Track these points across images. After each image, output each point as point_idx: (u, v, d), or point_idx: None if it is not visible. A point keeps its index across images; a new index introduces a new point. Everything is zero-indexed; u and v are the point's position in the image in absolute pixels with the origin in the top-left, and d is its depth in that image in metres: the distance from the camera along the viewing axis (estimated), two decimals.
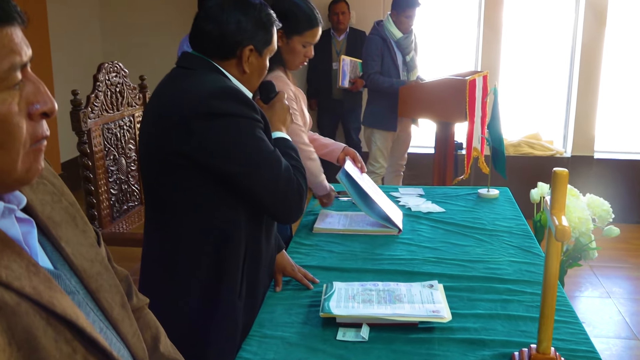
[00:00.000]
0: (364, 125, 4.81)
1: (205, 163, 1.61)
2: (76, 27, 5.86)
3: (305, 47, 2.31)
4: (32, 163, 0.84)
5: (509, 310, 1.74)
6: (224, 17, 1.67)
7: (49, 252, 0.91)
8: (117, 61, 2.76)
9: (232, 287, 1.70)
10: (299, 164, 1.77)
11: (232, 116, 1.59)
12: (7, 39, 0.79)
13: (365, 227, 2.41)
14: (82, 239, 0.98)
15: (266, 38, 1.73)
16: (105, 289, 0.97)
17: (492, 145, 2.82)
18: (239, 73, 1.73)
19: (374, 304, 1.70)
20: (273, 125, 1.81)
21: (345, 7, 5.58)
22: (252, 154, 1.62)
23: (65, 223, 0.96)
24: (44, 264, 0.88)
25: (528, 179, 5.08)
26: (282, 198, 1.67)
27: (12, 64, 0.80)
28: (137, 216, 2.90)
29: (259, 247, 1.77)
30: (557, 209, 1.36)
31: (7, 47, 0.79)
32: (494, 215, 2.59)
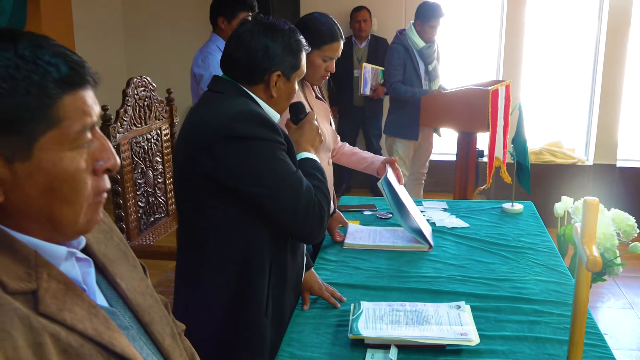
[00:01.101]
0: (385, 134, 4.82)
1: (228, 184, 1.67)
2: (100, 34, 5.94)
3: (326, 62, 2.34)
4: (93, 215, 0.88)
5: (536, 332, 1.75)
6: (253, 44, 1.73)
7: (104, 289, 0.96)
8: (144, 75, 2.80)
9: (259, 304, 1.74)
10: (323, 184, 1.80)
11: (254, 139, 1.65)
12: (81, 101, 0.84)
13: (395, 242, 2.42)
14: (134, 273, 1.02)
15: (294, 63, 1.78)
16: (157, 321, 1.01)
17: (516, 160, 2.82)
18: (267, 97, 1.79)
19: (402, 325, 1.72)
20: (300, 146, 1.85)
21: (367, 14, 5.60)
22: (272, 176, 1.66)
23: (118, 259, 1.00)
24: (100, 302, 0.92)
25: (549, 187, 5.08)
26: (302, 219, 1.70)
27: (84, 125, 0.85)
28: (163, 228, 2.94)
29: (284, 265, 1.81)
30: (587, 238, 1.37)
31: (80, 110, 0.84)
32: (518, 231, 2.59)
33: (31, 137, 0.81)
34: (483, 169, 4.44)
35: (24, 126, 0.80)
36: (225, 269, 1.75)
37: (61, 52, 0.85)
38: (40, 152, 0.82)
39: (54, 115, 0.82)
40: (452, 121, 4.25)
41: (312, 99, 2.46)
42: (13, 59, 0.80)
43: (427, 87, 4.56)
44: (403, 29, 4.61)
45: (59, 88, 0.82)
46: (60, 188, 0.84)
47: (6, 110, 0.79)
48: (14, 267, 0.81)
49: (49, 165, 0.83)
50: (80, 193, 0.86)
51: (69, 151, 0.84)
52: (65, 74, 0.83)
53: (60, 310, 0.82)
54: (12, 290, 0.79)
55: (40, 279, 0.83)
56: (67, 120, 0.83)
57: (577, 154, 5.55)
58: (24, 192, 0.82)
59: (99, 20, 5.91)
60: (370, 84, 5.14)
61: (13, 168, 0.81)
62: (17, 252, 0.83)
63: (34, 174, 0.82)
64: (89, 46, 5.53)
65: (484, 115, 3.98)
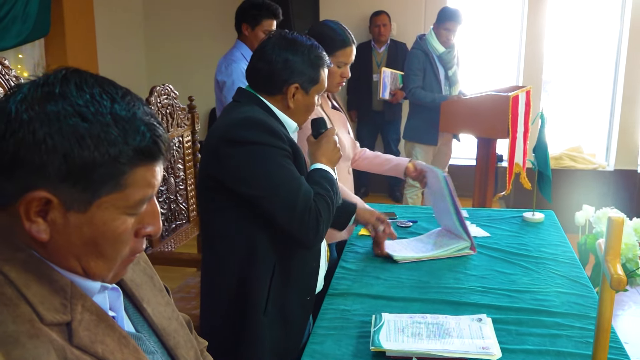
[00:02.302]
0: (404, 139, 4.82)
1: (230, 186, 1.78)
2: (122, 40, 5.99)
3: (340, 68, 2.37)
4: (121, 271, 0.92)
5: (558, 346, 1.74)
6: (274, 56, 1.84)
7: (131, 314, 0.97)
8: (167, 84, 2.83)
9: (257, 303, 1.83)
10: (328, 193, 1.85)
11: (255, 143, 1.75)
12: (150, 174, 0.87)
13: (443, 250, 2.39)
14: (159, 298, 1.04)
15: (313, 77, 1.87)
16: (181, 345, 1.03)
17: (537, 169, 2.81)
18: (284, 108, 1.88)
19: (424, 338, 1.72)
20: (315, 158, 1.93)
21: (387, 19, 5.60)
22: (270, 179, 1.75)
23: (144, 284, 1.02)
24: (127, 328, 0.94)
25: (569, 193, 5.05)
26: (298, 223, 1.76)
27: (145, 196, 0.87)
28: (184, 234, 2.96)
29: (290, 269, 1.89)
30: (612, 256, 1.37)
31: (147, 181, 0.86)
32: (539, 241, 2.58)
33: (95, 195, 0.83)
34: (502, 174, 4.42)
35: (92, 183, 0.82)
36: (228, 268, 1.86)
37: (150, 122, 0.86)
38: (97, 208, 0.84)
39: (122, 181, 0.84)
40: (471, 127, 4.24)
41: (329, 109, 2.49)
42: (107, 117, 0.82)
43: (447, 93, 4.56)
44: (423, 34, 4.61)
45: (137, 159, 0.84)
46: (102, 244, 0.86)
47: (81, 164, 0.81)
48: (51, 298, 0.83)
49: (99, 223, 0.85)
50: (119, 253, 0.89)
51: (123, 215, 0.86)
52: (147, 146, 0.85)
53: (92, 342, 0.84)
54: (48, 322, 0.81)
55: (74, 310, 0.85)
56: (131, 188, 0.85)
57: (597, 160, 5.51)
58: (68, 239, 0.85)
59: (120, 26, 5.97)
60: (389, 89, 5.15)
61: (67, 215, 0.83)
62: (55, 282, 0.85)
63: (84, 226, 0.84)
64: (111, 52, 5.59)
65: (504, 121, 3.97)
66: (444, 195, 2.42)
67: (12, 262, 0.83)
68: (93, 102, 0.82)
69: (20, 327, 0.78)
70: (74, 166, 0.80)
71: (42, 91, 0.82)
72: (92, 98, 0.82)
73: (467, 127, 4.30)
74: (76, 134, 0.80)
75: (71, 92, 0.82)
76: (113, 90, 0.86)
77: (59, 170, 0.80)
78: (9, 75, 1.91)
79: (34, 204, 0.81)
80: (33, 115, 0.80)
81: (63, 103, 0.81)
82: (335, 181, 1.91)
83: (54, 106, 0.81)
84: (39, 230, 0.83)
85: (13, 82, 1.92)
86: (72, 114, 0.81)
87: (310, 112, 1.94)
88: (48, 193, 0.81)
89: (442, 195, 2.44)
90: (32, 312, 0.81)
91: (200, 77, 5.92)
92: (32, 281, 0.83)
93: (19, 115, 0.80)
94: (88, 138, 0.80)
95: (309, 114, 1.94)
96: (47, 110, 0.80)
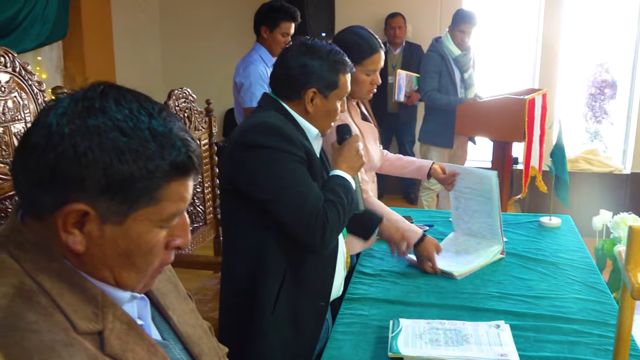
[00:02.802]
0: (420, 142, 4.82)
1: (243, 189, 1.81)
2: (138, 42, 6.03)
3: (370, 75, 2.34)
4: (150, 282, 0.94)
5: (577, 354, 1.74)
6: (292, 62, 1.86)
7: (157, 322, 0.99)
8: (185, 87, 2.85)
9: (266, 303, 1.85)
10: (342, 200, 1.83)
11: (267, 148, 1.76)
12: (183, 188, 0.88)
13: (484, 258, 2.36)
14: (184, 305, 1.05)
15: (331, 82, 1.87)
16: (206, 353, 1.04)
17: (555, 174, 2.80)
18: (303, 113, 1.89)
19: (442, 344, 1.73)
20: (336, 164, 1.94)
21: (402, 21, 5.60)
22: (279, 183, 1.77)
23: (169, 292, 1.03)
24: (155, 336, 0.95)
25: (585, 196, 5.02)
26: (304, 228, 1.77)
27: (178, 210, 0.89)
28: (201, 236, 2.98)
29: (300, 272, 1.90)
30: (632, 265, 1.36)
31: (180, 195, 0.88)
32: (556, 246, 2.57)
33: (131, 208, 0.85)
34: (517, 177, 4.40)
35: (129, 197, 0.84)
36: (240, 268, 1.90)
37: (185, 137, 0.88)
38: (132, 221, 0.86)
39: (158, 195, 0.86)
40: (487, 130, 4.23)
41: (358, 120, 2.46)
42: (145, 132, 0.84)
43: (463, 95, 4.55)
44: (439, 37, 4.60)
45: (172, 173, 0.86)
46: (136, 256, 0.88)
47: (120, 177, 0.82)
48: (83, 307, 0.85)
49: (134, 235, 0.87)
50: (151, 264, 0.91)
51: (156, 228, 0.88)
52: (182, 161, 0.87)
53: (123, 351, 0.86)
54: (81, 331, 0.83)
55: (106, 319, 0.86)
56: (166, 202, 0.87)
57: (613, 162, 5.47)
58: (103, 250, 0.86)
59: (137, 28, 6.01)
60: (404, 91, 5.14)
61: (103, 227, 0.85)
62: (87, 291, 0.87)
63: (119, 238, 0.86)
64: (128, 53, 5.63)
65: (520, 124, 3.95)
66: (492, 197, 2.43)
67: (46, 272, 0.84)
68: (132, 117, 0.84)
69: (56, 336, 0.79)
70: (112, 180, 0.82)
71: (82, 105, 0.83)
72: (130, 113, 0.84)
73: (482, 130, 4.28)
74: (116, 148, 0.82)
75: (110, 107, 0.84)
76: (149, 105, 0.87)
77: (98, 184, 0.82)
78: (31, 80, 1.93)
79: (71, 215, 0.83)
80: (74, 129, 0.82)
81: (103, 117, 0.83)
82: (351, 188, 1.90)
83: (94, 120, 0.82)
84: (75, 241, 0.84)
85: (36, 87, 1.95)
86: (112, 128, 0.82)
87: (333, 118, 1.94)
88: (86, 205, 0.83)
89: (486, 198, 2.44)
90: (66, 321, 0.82)
91: (215, 78, 5.95)
92: (66, 290, 0.84)
93: (59, 129, 0.82)
94: (127, 152, 0.82)
95: (331, 119, 1.94)
96: (88, 124, 0.82)
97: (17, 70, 1.87)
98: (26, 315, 0.80)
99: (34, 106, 1.94)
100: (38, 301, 0.82)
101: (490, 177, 2.42)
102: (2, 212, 1.79)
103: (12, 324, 0.78)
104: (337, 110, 1.92)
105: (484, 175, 2.45)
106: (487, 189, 2.43)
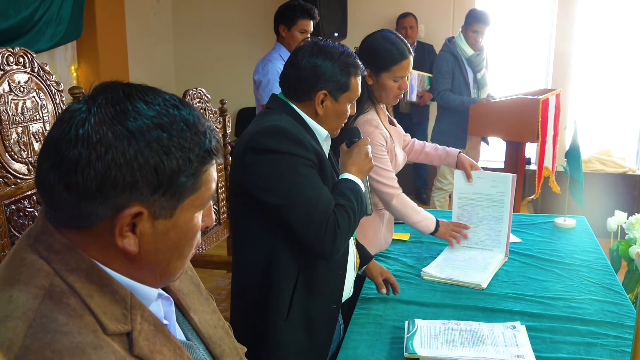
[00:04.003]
0: (432, 142, 4.80)
1: (253, 193, 1.78)
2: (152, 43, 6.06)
3: (397, 81, 2.31)
4: (185, 268, 0.94)
5: (593, 355, 1.73)
6: (303, 62, 1.82)
7: (180, 322, 1.00)
8: (200, 87, 2.86)
9: (279, 310, 1.83)
10: (352, 204, 1.81)
11: (277, 152, 1.74)
12: (214, 170, 0.92)
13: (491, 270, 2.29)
14: (205, 306, 1.06)
15: (342, 84, 1.83)
16: (227, 354, 1.05)
17: (570, 175, 2.79)
18: (313, 114, 1.86)
19: (457, 345, 1.72)
20: (345, 168, 1.91)
21: (414, 21, 5.59)
22: (290, 188, 1.74)
23: (191, 293, 1.04)
24: (179, 336, 0.96)
25: (599, 196, 4.99)
26: (314, 233, 1.74)
27: (212, 192, 0.92)
28: (215, 236, 2.99)
29: (312, 277, 1.87)
30: None
31: (213, 178, 0.91)
32: (571, 248, 2.56)
33: (180, 199, 0.87)
34: (531, 177, 4.39)
35: (178, 189, 0.86)
36: (251, 274, 1.87)
37: (208, 123, 0.91)
38: (180, 212, 0.88)
39: (199, 182, 0.88)
40: (500, 131, 4.21)
41: (387, 124, 2.45)
42: (180, 124, 0.86)
43: (476, 95, 4.54)
44: (452, 37, 4.59)
45: (207, 159, 0.89)
46: (184, 244, 0.91)
47: (170, 173, 0.84)
48: (112, 308, 0.85)
49: (182, 224, 0.89)
50: (192, 248, 0.94)
51: (196, 213, 0.91)
52: (214, 146, 0.90)
53: (151, 352, 0.86)
54: (111, 332, 0.83)
55: (134, 320, 0.87)
56: (204, 187, 0.89)
57: (627, 163, 5.44)
58: (156, 247, 0.88)
59: (150, 28, 6.04)
60: (416, 91, 5.14)
61: (155, 224, 0.86)
62: (116, 292, 0.87)
63: (170, 231, 0.88)
64: (141, 53, 5.67)
65: (533, 125, 3.94)
66: (504, 200, 2.42)
67: (76, 273, 0.85)
68: (163, 112, 0.85)
69: (86, 338, 0.80)
70: (163, 177, 0.84)
71: (114, 110, 0.83)
72: (161, 109, 0.86)
73: (495, 131, 4.27)
74: (162, 146, 0.83)
75: (142, 106, 0.85)
76: (169, 97, 0.89)
77: (150, 184, 0.83)
78: (49, 80, 1.95)
79: (125, 219, 0.84)
80: (117, 135, 0.82)
81: (140, 118, 0.83)
82: (361, 192, 1.88)
83: (133, 122, 0.83)
84: (130, 244, 0.86)
85: (54, 87, 1.96)
86: (153, 127, 0.83)
87: (342, 120, 1.91)
88: (141, 207, 0.84)
89: (497, 201, 2.43)
90: (95, 322, 0.83)
91: (228, 78, 5.97)
92: (95, 291, 0.85)
93: (102, 138, 0.81)
94: (172, 147, 0.84)
95: (341, 121, 1.91)
96: (130, 128, 0.82)
97: (35, 71, 1.89)
98: (57, 317, 0.80)
99: (52, 106, 1.95)
100: (68, 302, 0.82)
101: (507, 178, 2.41)
102: (20, 212, 1.81)
103: (42, 325, 0.79)
104: (347, 112, 1.89)
105: (500, 177, 2.44)
106: (501, 192, 2.42)
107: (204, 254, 2.83)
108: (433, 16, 5.80)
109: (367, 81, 2.32)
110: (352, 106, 1.93)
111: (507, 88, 5.14)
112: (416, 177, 5.94)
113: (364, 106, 2.33)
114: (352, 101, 1.90)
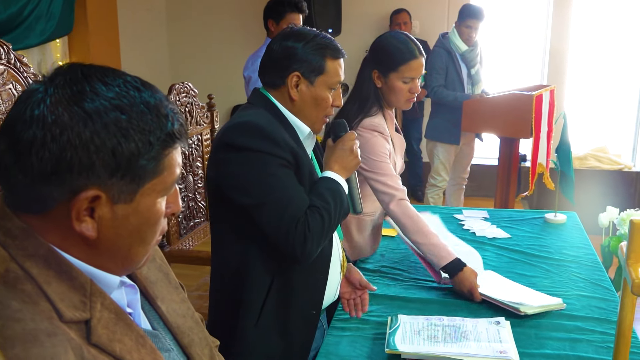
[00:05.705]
0: (426, 138, 4.78)
1: (225, 192, 1.71)
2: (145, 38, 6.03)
3: (407, 83, 2.21)
4: (149, 255, 0.93)
5: (578, 351, 1.71)
6: (276, 45, 1.77)
7: (147, 311, 0.98)
8: (186, 82, 2.83)
9: (250, 314, 1.75)
10: (328, 205, 1.69)
11: (249, 150, 1.66)
12: (178, 155, 0.90)
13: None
14: (174, 295, 1.04)
15: (316, 66, 1.74)
16: (196, 343, 1.03)
17: (560, 169, 2.76)
18: (290, 102, 1.77)
19: (440, 341, 1.69)
20: (327, 164, 1.79)
21: (407, 17, 5.56)
22: (261, 188, 1.66)
23: (159, 281, 1.02)
24: (144, 325, 0.94)
25: (594, 193, 4.96)
26: (284, 234, 1.65)
27: (176, 177, 0.90)
28: (203, 232, 2.96)
29: (289, 280, 1.77)
30: (633, 260, 1.32)
31: (176, 162, 0.90)
32: (561, 243, 2.53)
33: (140, 184, 0.85)
34: (525, 174, 4.36)
35: (138, 173, 0.84)
36: (224, 275, 1.82)
37: (171, 106, 0.89)
38: (141, 196, 0.86)
39: (161, 166, 0.86)
40: (494, 127, 4.18)
41: (393, 131, 2.35)
42: (140, 107, 0.84)
43: (470, 91, 4.51)
44: (445, 33, 4.56)
45: (170, 142, 0.87)
46: (145, 230, 0.89)
47: (128, 156, 0.82)
48: (70, 295, 0.83)
49: (144, 209, 0.87)
50: (156, 235, 0.92)
51: (159, 198, 0.89)
52: (177, 129, 0.88)
53: (110, 340, 0.84)
54: (67, 320, 0.81)
55: (94, 308, 0.84)
56: (167, 171, 0.88)
57: (623, 160, 5.41)
58: (116, 232, 0.86)
59: (143, 24, 6.01)
60: None
61: (115, 209, 0.84)
62: (75, 279, 0.84)
63: (130, 216, 0.86)
64: (133, 49, 5.63)
65: (527, 121, 3.91)
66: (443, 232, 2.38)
67: (34, 259, 0.82)
68: (123, 94, 0.83)
69: (39, 325, 0.77)
70: (121, 160, 0.81)
71: (71, 91, 0.81)
72: (120, 90, 0.83)
73: (489, 127, 4.24)
74: (120, 128, 0.81)
75: (100, 87, 0.82)
76: (131, 79, 0.87)
77: (107, 166, 0.81)
78: (27, 72, 1.92)
79: (82, 203, 0.82)
80: (73, 116, 0.80)
81: (98, 100, 0.81)
82: (342, 191, 1.75)
83: (90, 104, 0.81)
84: (88, 228, 0.83)
85: (31, 79, 1.93)
86: (111, 108, 0.81)
87: (322, 109, 1.79)
88: (98, 190, 0.82)
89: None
90: (51, 309, 0.80)
91: (222, 75, 5.95)
92: (53, 277, 0.83)
93: (57, 118, 0.79)
94: (130, 130, 0.82)
95: (321, 110, 1.79)
96: (86, 109, 0.80)
97: (12, 62, 1.86)
98: (10, 303, 0.78)
99: None
100: (23, 288, 0.80)
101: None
102: None
103: None
104: (326, 100, 1.77)
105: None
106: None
107: (191, 250, 2.80)
108: (427, 12, 5.76)
109: (375, 83, 2.25)
110: (336, 96, 1.81)
111: (502, 84, 5.11)
112: (411, 175, 5.91)
113: (371, 109, 2.24)
114: (332, 87, 1.77)
